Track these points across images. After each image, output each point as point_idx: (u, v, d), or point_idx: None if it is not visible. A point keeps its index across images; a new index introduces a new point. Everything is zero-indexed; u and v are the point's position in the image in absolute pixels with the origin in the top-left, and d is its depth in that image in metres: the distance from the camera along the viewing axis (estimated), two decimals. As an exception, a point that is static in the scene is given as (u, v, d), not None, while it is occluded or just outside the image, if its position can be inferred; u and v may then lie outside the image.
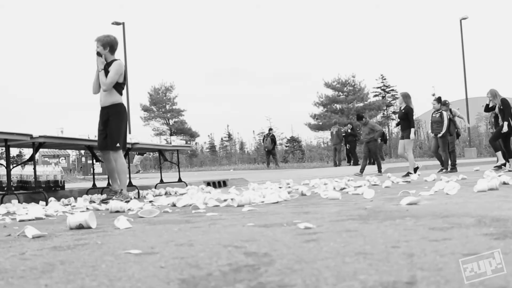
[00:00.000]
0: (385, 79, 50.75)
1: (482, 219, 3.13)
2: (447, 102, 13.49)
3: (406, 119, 11.97)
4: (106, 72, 6.75)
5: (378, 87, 50.58)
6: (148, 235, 3.20)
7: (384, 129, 37.65)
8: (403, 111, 12.02)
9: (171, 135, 42.68)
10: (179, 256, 2.33)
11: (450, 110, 13.58)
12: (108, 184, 9.08)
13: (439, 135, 13.03)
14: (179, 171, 11.22)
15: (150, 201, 6.61)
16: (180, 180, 10.72)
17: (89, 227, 3.72)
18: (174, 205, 5.78)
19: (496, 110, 12.09)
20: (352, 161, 23.50)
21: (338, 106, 47.45)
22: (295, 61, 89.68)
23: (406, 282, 1.64)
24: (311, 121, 46.82)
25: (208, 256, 2.29)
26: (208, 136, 51.61)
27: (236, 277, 1.82)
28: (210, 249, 2.48)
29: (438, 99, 13.58)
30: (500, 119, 12.12)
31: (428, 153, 29.22)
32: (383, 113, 47.37)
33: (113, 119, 6.84)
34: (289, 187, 8.48)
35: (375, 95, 49.66)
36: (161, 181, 10.56)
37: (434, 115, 13.47)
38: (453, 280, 1.64)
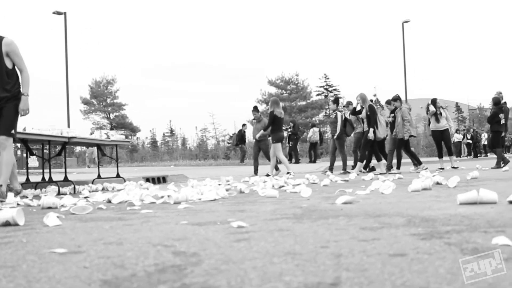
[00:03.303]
0: (328, 78, 51.49)
1: (412, 219, 3.19)
2: (396, 99, 13.03)
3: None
4: None
5: (321, 86, 51.27)
6: (77, 233, 3.11)
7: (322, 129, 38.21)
8: (368, 112, 12.02)
9: (111, 129, 41.95)
10: (105, 255, 2.27)
11: (410, 108, 13.64)
12: (43, 178, 8.84)
13: (335, 136, 12.98)
14: (117, 167, 11.02)
15: (85, 197, 6.45)
16: (118, 176, 10.54)
17: (17, 224, 3.59)
18: (109, 201, 5.67)
19: (363, 115, 12.17)
20: (294, 159, 23.68)
21: (281, 104, 47.78)
22: (240, 58, 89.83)
23: (330, 284, 1.64)
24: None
25: (136, 255, 2.24)
26: (150, 131, 51.18)
27: (160, 278, 1.78)
28: (138, 248, 2.43)
29: (335, 100, 13.61)
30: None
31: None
32: (325, 112, 48.05)
33: (12, 103, 6.19)
34: (228, 184, 8.45)
35: (318, 94, 50.33)
36: (99, 177, 10.33)
37: (331, 116, 13.61)
38: (376, 281, 1.65)
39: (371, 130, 11.75)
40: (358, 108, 12.33)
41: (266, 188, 6.57)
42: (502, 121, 13.17)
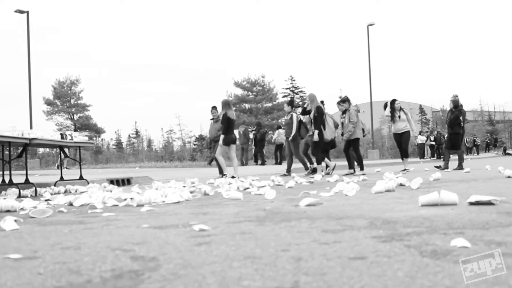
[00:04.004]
0: (294, 80, 51.72)
1: (374, 221, 3.20)
2: (344, 100, 12.87)
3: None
4: None
5: (287, 88, 51.46)
6: (34, 237, 3.04)
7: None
8: (315, 114, 12.04)
9: (75, 130, 41.38)
10: (61, 260, 2.21)
11: (358, 110, 13.73)
12: (3, 181, 8.63)
13: (289, 138, 13.00)
14: (80, 168, 10.86)
15: (47, 200, 6.32)
16: (81, 178, 10.37)
17: (-28, 229, 3.49)
18: (71, 204, 5.56)
19: (311, 115, 12.17)
20: (260, 161, 23.68)
21: (247, 105, 47.82)
22: (206, 59, 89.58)
23: (289, 288, 1.62)
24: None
25: (93, 260, 2.19)
26: (115, 132, 50.70)
27: (116, 284, 1.74)
28: (96, 253, 2.38)
29: (290, 102, 13.62)
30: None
31: (333, 154, 29.91)
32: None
33: None
34: (193, 186, 8.38)
35: (284, 96, 50.49)
36: (61, 179, 10.15)
37: (285, 118, 13.64)
38: (335, 285, 1.64)
39: (316, 131, 11.77)
40: (308, 108, 12.26)
41: (230, 190, 6.54)
42: (462, 124, 13.40)
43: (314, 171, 12.35)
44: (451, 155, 13.75)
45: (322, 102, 12.88)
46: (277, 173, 12.45)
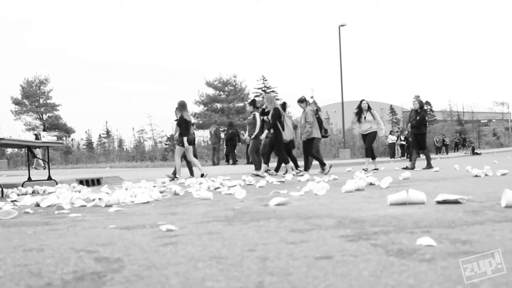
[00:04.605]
0: (266, 80, 51.78)
1: (342, 220, 3.21)
2: (302, 100, 12.93)
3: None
4: None
5: (259, 88, 51.46)
6: (-3, 239, 2.97)
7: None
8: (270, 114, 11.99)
9: (44, 130, 40.81)
10: (23, 263, 2.16)
11: (317, 109, 13.72)
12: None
13: (252, 136, 13.09)
14: (48, 169, 10.70)
15: (13, 201, 6.20)
16: (50, 178, 10.21)
17: None
18: (38, 205, 5.46)
19: (270, 116, 12.09)
20: (231, 160, 23.65)
21: (219, 105, 47.74)
22: (178, 58, 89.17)
23: (253, 289, 1.60)
24: (192, 120, 46.79)
25: (55, 262, 2.14)
26: (86, 132, 50.13)
27: (77, 286, 1.70)
28: (60, 255, 2.33)
29: (251, 102, 13.64)
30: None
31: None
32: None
33: None
34: (163, 186, 8.32)
35: (256, 96, 50.49)
36: (29, 179, 9.99)
37: (248, 117, 13.68)
38: (299, 285, 1.63)
39: (265, 131, 11.75)
40: (267, 109, 12.20)
41: (201, 190, 6.50)
42: (427, 124, 13.63)
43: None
44: (420, 155, 13.91)
45: (284, 104, 12.96)
46: (248, 173, 12.42)
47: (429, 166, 13.11)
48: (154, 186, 8.17)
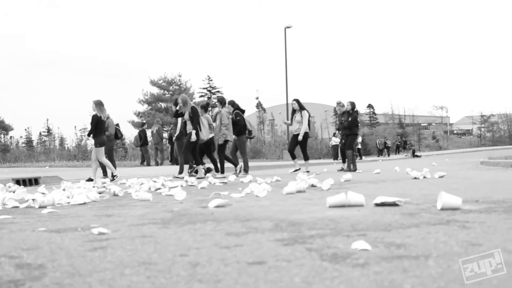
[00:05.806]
0: (211, 80, 51.67)
1: (279, 223, 3.16)
2: (221, 99, 13.14)
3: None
4: None
5: (204, 88, 51.30)
6: None
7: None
8: (191, 114, 11.86)
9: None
10: None
11: (242, 111, 13.55)
12: None
13: (173, 138, 13.13)
14: (-17, 168, 10.29)
15: None
16: (-17, 178, 9.83)
17: None
18: (-34, 206, 5.22)
19: (186, 117, 11.97)
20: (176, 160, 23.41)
21: (163, 104, 47.30)
22: (124, 57, 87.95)
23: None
24: (135, 119, 46.14)
25: (-28, 269, 2.01)
26: (25, 130, 48.77)
27: (-10, 296, 1.59)
28: (-21, 260, 2.19)
29: (175, 102, 13.61)
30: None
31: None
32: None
33: None
34: (104, 186, 8.13)
35: (201, 96, 50.33)
36: (-39, 179, 9.59)
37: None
38: (227, 293, 1.57)
39: (193, 132, 11.67)
40: (180, 110, 11.98)
41: (140, 191, 6.36)
42: (359, 125, 13.90)
43: (196, 172, 12.25)
44: (357, 157, 14.15)
45: (207, 104, 13.00)
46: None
47: (349, 168, 13.23)
48: (94, 187, 7.97)
